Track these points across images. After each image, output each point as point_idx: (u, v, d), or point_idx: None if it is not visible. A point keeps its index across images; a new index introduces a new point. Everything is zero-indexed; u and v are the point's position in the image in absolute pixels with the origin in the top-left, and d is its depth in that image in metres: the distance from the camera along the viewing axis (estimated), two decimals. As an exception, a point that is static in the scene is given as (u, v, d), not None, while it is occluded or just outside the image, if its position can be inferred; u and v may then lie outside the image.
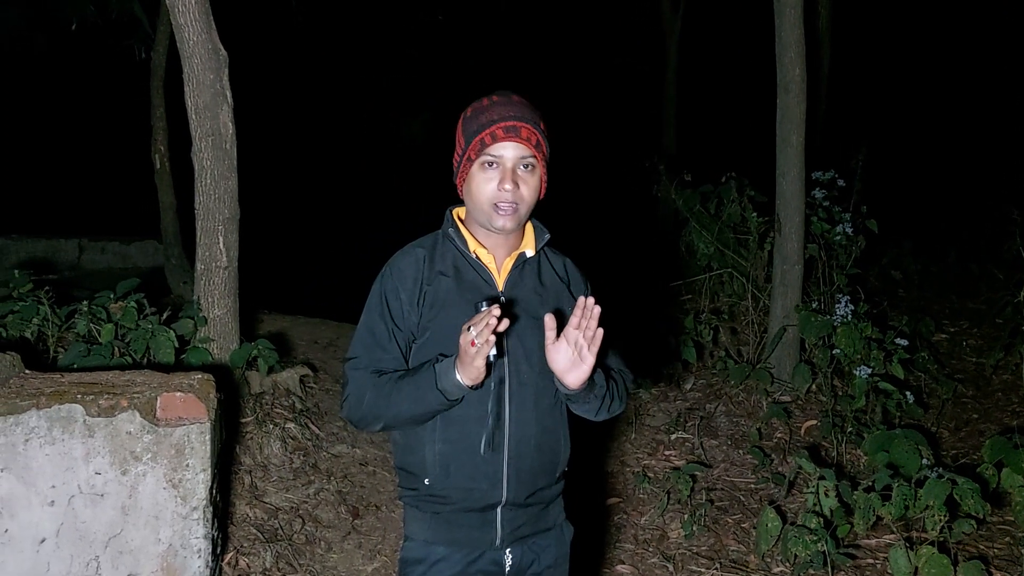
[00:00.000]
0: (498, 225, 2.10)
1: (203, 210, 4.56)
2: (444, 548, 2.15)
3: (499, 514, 2.14)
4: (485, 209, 2.10)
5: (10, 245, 9.45)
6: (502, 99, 2.13)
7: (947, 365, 6.01)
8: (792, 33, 5.26)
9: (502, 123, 2.07)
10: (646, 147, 11.09)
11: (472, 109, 2.15)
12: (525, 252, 2.20)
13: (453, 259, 2.16)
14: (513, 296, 2.16)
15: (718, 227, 6.38)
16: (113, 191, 12.75)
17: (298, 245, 11.74)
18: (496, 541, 2.15)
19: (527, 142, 2.07)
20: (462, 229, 2.18)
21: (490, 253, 2.17)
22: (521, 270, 2.20)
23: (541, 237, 2.23)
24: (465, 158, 2.12)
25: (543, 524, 2.23)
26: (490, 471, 2.11)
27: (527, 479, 2.14)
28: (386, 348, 2.13)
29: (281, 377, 4.86)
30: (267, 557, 3.70)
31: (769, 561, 3.93)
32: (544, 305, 2.17)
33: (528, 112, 2.11)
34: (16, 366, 3.29)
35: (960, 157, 13.49)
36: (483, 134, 2.08)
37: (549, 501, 2.24)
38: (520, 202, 2.09)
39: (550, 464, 2.19)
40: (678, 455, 4.91)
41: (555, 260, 2.29)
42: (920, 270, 8.13)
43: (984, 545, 3.97)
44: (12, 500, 2.97)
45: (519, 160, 2.08)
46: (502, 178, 2.08)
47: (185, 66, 4.48)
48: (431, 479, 2.12)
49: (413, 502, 2.18)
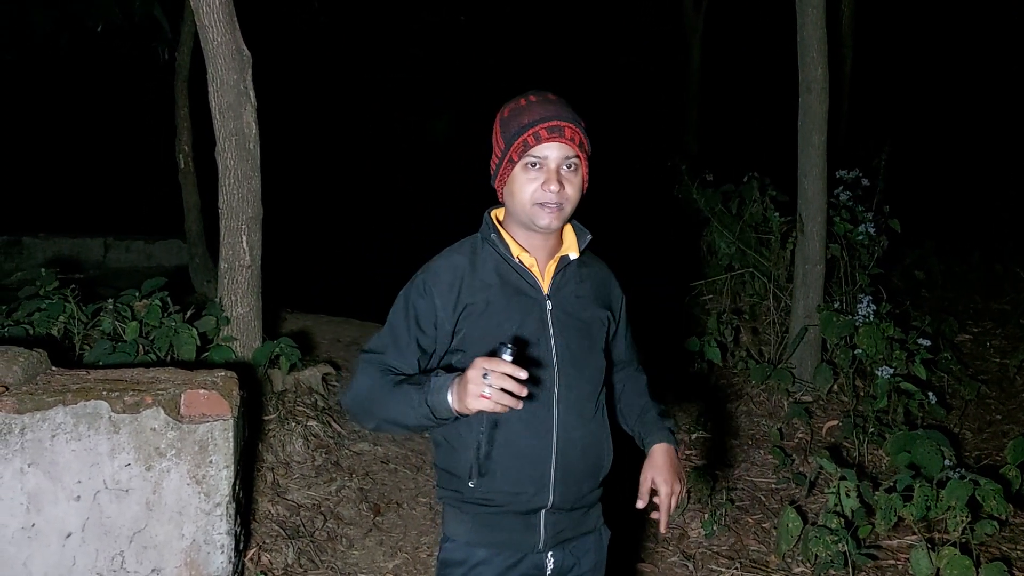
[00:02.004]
0: (543, 224, 2.06)
1: (227, 209, 4.59)
2: (485, 551, 2.12)
3: (543, 518, 2.12)
4: (529, 209, 2.06)
5: (37, 244, 9.53)
6: (540, 99, 2.10)
7: (970, 366, 5.97)
8: (814, 32, 5.24)
9: (545, 123, 2.03)
10: (668, 147, 11.09)
11: (509, 110, 2.11)
12: (568, 255, 2.17)
13: (495, 265, 2.12)
14: (558, 299, 2.14)
15: (740, 227, 6.36)
16: (138, 191, 12.84)
17: (321, 245, 11.77)
18: (539, 545, 2.13)
19: (571, 142, 2.04)
20: (503, 233, 2.14)
21: (532, 256, 2.13)
22: (564, 273, 2.16)
23: (583, 238, 2.20)
24: (506, 160, 2.07)
25: (584, 528, 2.22)
26: (536, 475, 2.08)
27: (573, 483, 2.12)
28: (403, 352, 2.08)
29: (303, 375, 4.89)
30: (289, 553, 3.72)
31: (790, 561, 3.92)
32: (585, 308, 2.17)
33: (568, 111, 2.07)
34: (43, 363, 3.34)
35: (984, 156, 13.39)
36: (526, 135, 2.03)
37: (591, 505, 2.22)
38: (565, 201, 2.05)
39: (594, 468, 2.18)
40: (699, 454, 4.91)
41: (592, 264, 2.27)
42: (944, 270, 8.07)
43: (1007, 546, 3.95)
44: (39, 495, 3.01)
45: (563, 160, 2.04)
46: (547, 179, 2.03)
47: (209, 67, 4.51)
48: (476, 481, 2.08)
49: (455, 503, 2.15)
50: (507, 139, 2.07)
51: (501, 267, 2.12)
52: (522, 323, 2.08)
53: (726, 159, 7.89)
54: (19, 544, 3.01)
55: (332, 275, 9.98)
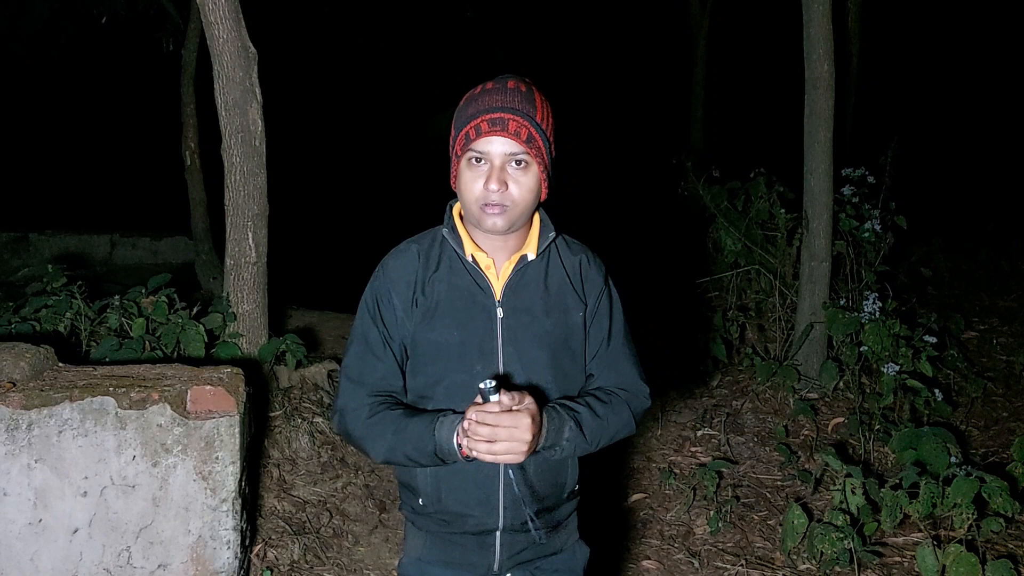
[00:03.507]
0: (487, 225, 1.88)
1: (232, 206, 4.60)
2: (439, 569, 2.02)
3: (498, 538, 1.99)
4: (473, 210, 1.89)
5: (43, 240, 9.57)
6: (496, 86, 1.90)
7: (977, 363, 5.96)
8: (820, 29, 5.23)
9: (488, 115, 1.84)
10: (674, 143, 11.06)
11: (466, 97, 1.93)
12: (527, 255, 1.98)
13: (449, 261, 1.97)
14: (512, 304, 1.95)
15: (746, 224, 6.35)
16: (144, 187, 12.87)
17: (326, 241, 11.78)
18: (494, 566, 2.01)
19: (515, 136, 1.83)
20: (460, 229, 1.98)
21: (489, 256, 1.96)
22: (523, 274, 1.97)
23: (545, 236, 2.00)
24: (453, 154, 1.92)
25: (550, 548, 2.06)
26: (483, 497, 1.95)
27: (527, 504, 1.93)
28: (380, 356, 1.96)
29: (309, 372, 4.90)
30: (295, 550, 3.73)
31: (795, 558, 3.92)
32: (548, 313, 1.97)
33: (521, 102, 1.86)
34: (49, 359, 3.34)
35: (991, 153, 13.36)
36: (468, 127, 1.85)
37: (556, 523, 2.07)
38: (510, 203, 1.86)
39: (554, 487, 2.02)
40: (704, 451, 4.91)
41: (568, 258, 2.05)
42: (950, 267, 8.06)
43: (1013, 544, 3.94)
44: (46, 491, 3.02)
45: (507, 157, 1.85)
46: (488, 177, 1.84)
47: (215, 63, 4.52)
48: (424, 500, 1.99)
49: (411, 517, 2.06)
50: (455, 130, 1.91)
51: (455, 265, 1.97)
52: (466, 329, 1.93)
53: (732, 156, 7.88)
54: (26, 539, 3.02)
55: (337, 271, 9.99)
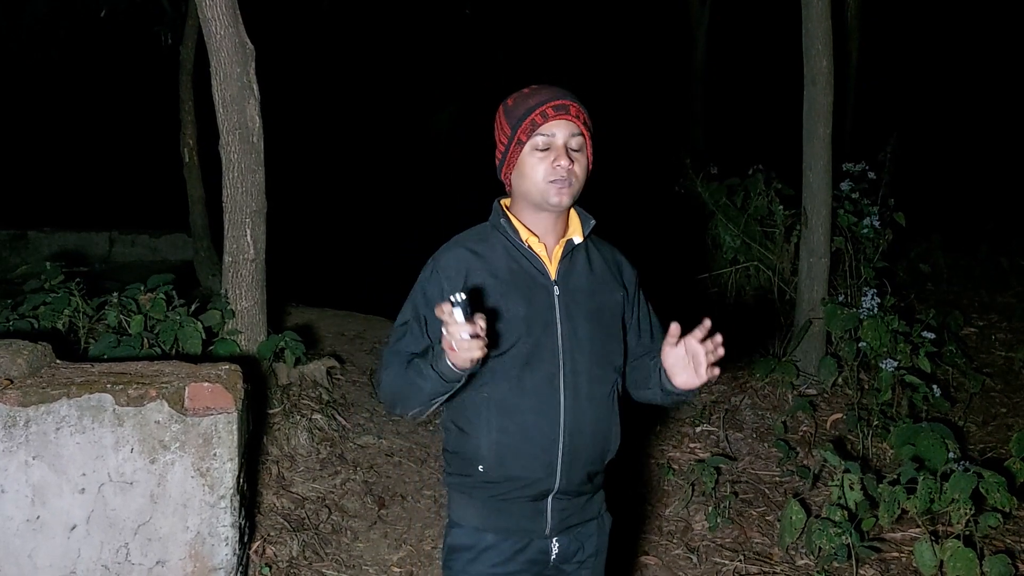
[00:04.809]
0: (554, 202, 2.11)
1: (231, 203, 4.60)
2: (493, 535, 2.16)
3: (550, 503, 2.16)
4: (541, 187, 2.11)
5: (42, 238, 9.57)
6: (542, 86, 2.16)
7: (975, 359, 5.95)
8: (819, 25, 5.23)
9: (551, 103, 2.10)
10: (674, 140, 11.07)
11: (513, 99, 2.17)
12: (573, 239, 2.21)
13: (505, 250, 2.17)
14: (566, 284, 2.17)
15: (744, 220, 6.36)
16: (143, 185, 12.86)
17: (325, 239, 11.79)
18: (546, 530, 2.17)
19: (576, 119, 2.11)
20: (512, 219, 2.19)
21: (541, 241, 2.18)
22: (572, 257, 2.20)
23: (587, 223, 2.23)
24: (514, 142, 2.13)
25: (588, 513, 2.25)
26: (545, 460, 2.12)
27: (580, 467, 2.15)
28: (419, 340, 2.14)
29: (308, 369, 4.90)
30: (294, 546, 3.74)
31: (793, 554, 3.92)
32: (595, 293, 2.20)
33: (570, 94, 2.15)
34: (47, 356, 3.35)
35: (991, 149, 13.35)
36: (533, 115, 2.10)
37: (595, 490, 2.27)
38: (574, 178, 2.11)
39: (601, 452, 2.21)
40: (703, 447, 4.91)
41: (602, 248, 2.31)
42: (949, 263, 8.05)
43: (1011, 539, 3.94)
44: (44, 487, 3.02)
45: (570, 137, 2.11)
46: (557, 156, 2.09)
47: (212, 59, 4.51)
48: (485, 466, 2.12)
49: (463, 488, 2.19)
50: (513, 123, 2.13)
51: (511, 252, 2.16)
52: (529, 308, 2.12)
53: (731, 152, 7.89)
54: (24, 536, 3.02)
55: (336, 269, 10.00)
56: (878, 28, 12.50)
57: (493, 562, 2.15)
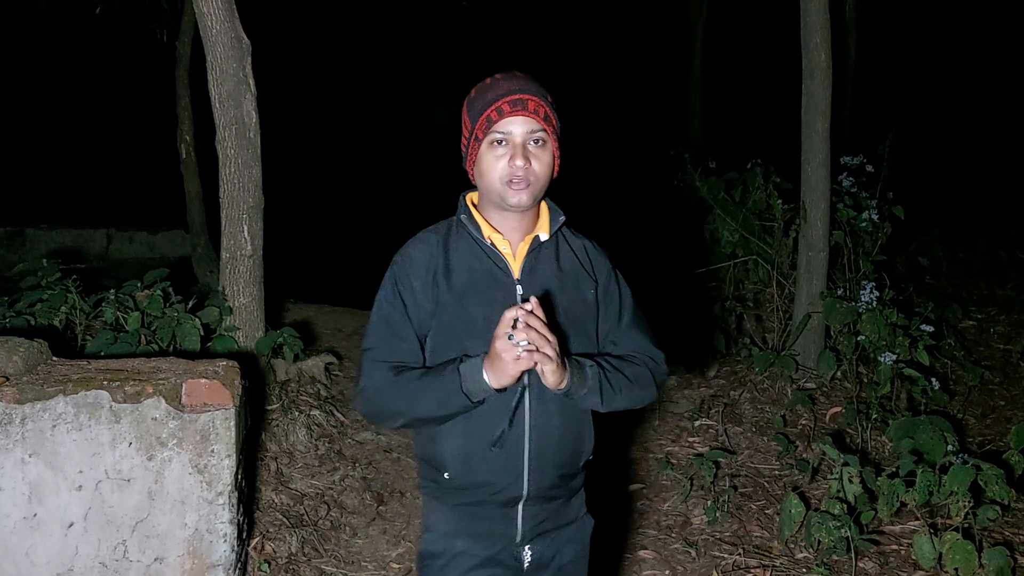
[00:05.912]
0: (513, 201, 2.02)
1: (228, 199, 4.59)
2: (464, 541, 2.10)
3: (520, 509, 2.09)
4: (498, 187, 2.02)
5: (39, 235, 9.58)
6: (505, 76, 2.07)
7: (974, 352, 5.95)
8: (818, 18, 5.22)
9: (507, 97, 2.00)
10: (672, 135, 11.06)
11: (476, 90, 2.09)
12: (539, 236, 2.11)
13: (468, 246, 2.09)
14: (530, 283, 2.07)
15: (743, 214, 6.35)
16: (140, 181, 12.85)
17: (322, 234, 11.78)
18: (517, 537, 2.11)
19: (535, 115, 2.00)
20: (475, 214, 2.11)
21: (505, 239, 2.09)
22: (538, 255, 2.11)
23: (556, 219, 2.14)
24: (473, 138, 2.05)
25: (564, 518, 2.18)
26: (511, 465, 2.05)
27: (550, 472, 2.08)
28: (403, 337, 2.06)
29: (306, 365, 4.90)
30: (293, 542, 3.73)
31: (792, 547, 3.92)
32: (563, 291, 2.10)
33: (533, 85, 2.04)
34: (44, 353, 3.34)
35: (989, 143, 13.35)
36: (489, 111, 2.00)
37: (571, 494, 2.19)
38: (533, 178, 2.01)
39: (573, 455, 2.13)
40: (702, 442, 4.90)
41: (574, 242, 2.20)
42: (948, 257, 8.05)
43: (1009, 531, 3.94)
44: (41, 485, 3.02)
45: (528, 135, 2.01)
46: (512, 154, 1.99)
47: (208, 55, 4.50)
48: (451, 473, 2.06)
49: (434, 493, 2.13)
50: (472, 117, 2.05)
51: (473, 249, 2.09)
52: (490, 308, 2.01)
53: (730, 146, 7.87)
54: (21, 534, 3.01)
55: (333, 265, 9.99)
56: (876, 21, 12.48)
57: (464, 567, 2.09)
